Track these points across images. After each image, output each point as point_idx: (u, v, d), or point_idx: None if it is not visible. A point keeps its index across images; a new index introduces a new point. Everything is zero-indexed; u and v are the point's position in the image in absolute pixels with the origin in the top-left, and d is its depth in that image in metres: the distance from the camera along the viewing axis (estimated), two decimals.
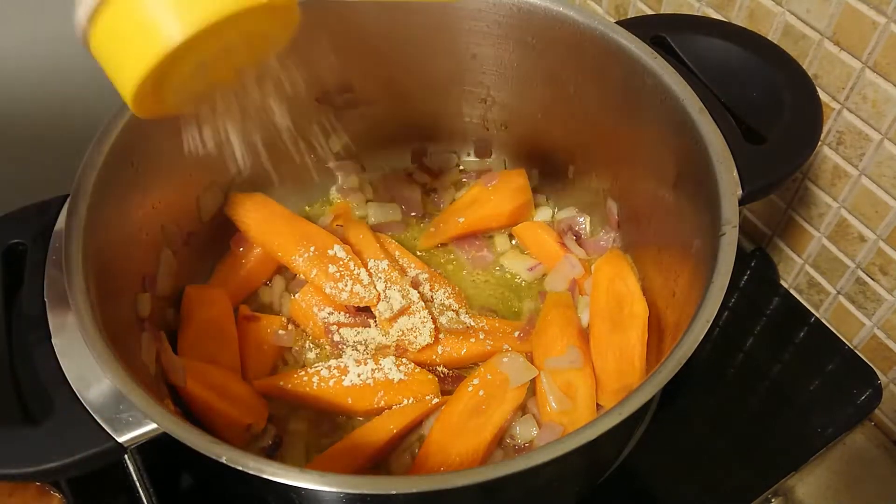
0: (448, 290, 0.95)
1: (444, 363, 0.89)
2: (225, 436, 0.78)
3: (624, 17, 1.07)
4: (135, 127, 0.77)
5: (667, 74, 0.78)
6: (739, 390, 0.95)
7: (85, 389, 0.64)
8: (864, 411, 0.93)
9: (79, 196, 0.71)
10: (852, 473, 0.92)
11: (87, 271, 0.68)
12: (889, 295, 0.92)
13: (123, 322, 0.76)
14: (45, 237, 0.73)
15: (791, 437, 0.90)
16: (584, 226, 1.01)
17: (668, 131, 0.79)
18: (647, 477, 0.87)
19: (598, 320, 0.88)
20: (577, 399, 0.83)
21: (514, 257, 1.01)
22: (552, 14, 0.85)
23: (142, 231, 0.82)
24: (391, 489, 0.56)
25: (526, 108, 0.97)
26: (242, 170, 0.69)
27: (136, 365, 0.73)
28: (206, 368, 0.83)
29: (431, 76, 0.97)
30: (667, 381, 0.61)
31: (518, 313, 0.96)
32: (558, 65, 0.89)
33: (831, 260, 0.98)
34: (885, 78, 0.80)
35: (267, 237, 0.94)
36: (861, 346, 0.99)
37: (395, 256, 0.96)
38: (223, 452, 0.57)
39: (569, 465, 0.62)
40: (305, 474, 0.56)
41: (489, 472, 0.57)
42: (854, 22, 0.80)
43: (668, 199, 0.83)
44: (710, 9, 0.96)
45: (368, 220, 1.03)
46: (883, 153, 0.85)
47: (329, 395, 0.83)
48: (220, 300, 0.90)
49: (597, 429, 0.59)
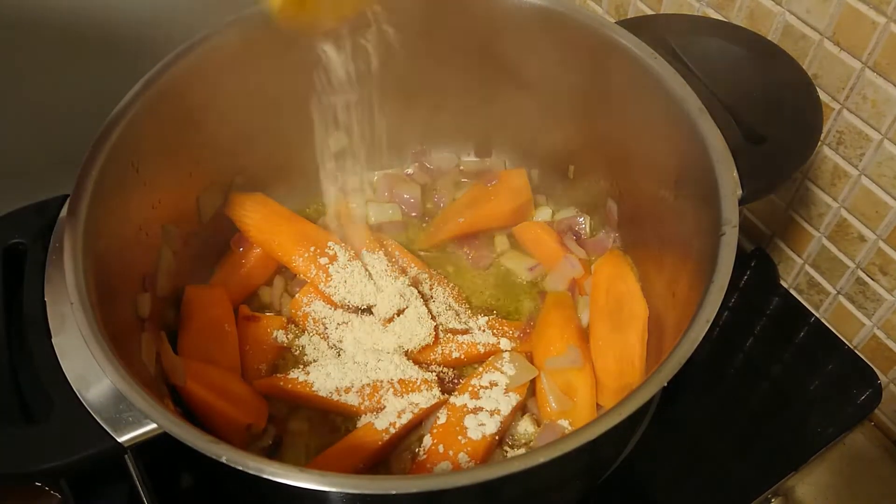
0: (448, 289, 0.95)
1: (444, 363, 0.89)
2: (225, 436, 0.78)
3: (624, 17, 1.07)
4: (135, 127, 0.77)
5: (667, 74, 0.78)
6: (739, 390, 0.95)
7: (85, 389, 0.64)
8: (864, 411, 0.93)
9: (79, 196, 0.71)
10: (852, 473, 0.92)
11: (87, 271, 0.68)
12: (889, 295, 0.92)
13: (123, 322, 0.76)
14: (45, 237, 0.73)
15: (791, 437, 0.90)
16: (584, 226, 1.01)
17: (668, 131, 0.79)
18: (647, 477, 0.87)
19: (598, 320, 0.89)
20: (577, 399, 0.83)
21: (514, 257, 1.01)
22: (552, 14, 0.85)
23: (142, 231, 0.82)
24: (391, 489, 0.56)
25: (526, 108, 0.97)
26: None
27: (136, 365, 0.73)
28: (206, 368, 0.83)
29: (432, 76, 0.97)
30: (667, 381, 0.61)
31: (518, 313, 0.96)
32: (558, 65, 0.89)
33: (831, 260, 0.98)
34: (885, 78, 0.80)
35: (267, 237, 0.94)
36: (861, 346, 0.99)
37: (395, 256, 0.96)
38: (223, 452, 0.57)
39: (569, 465, 0.62)
40: (305, 474, 0.56)
41: (489, 472, 0.57)
42: (854, 22, 0.80)
43: (668, 199, 0.83)
44: (710, 9, 0.96)
45: (368, 220, 1.03)
46: (883, 153, 0.85)
47: (329, 395, 0.83)
48: (220, 300, 0.90)
49: (597, 429, 0.59)
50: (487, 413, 0.81)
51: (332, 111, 0.98)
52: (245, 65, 0.87)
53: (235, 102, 0.89)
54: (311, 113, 0.97)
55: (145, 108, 0.78)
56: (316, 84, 0.94)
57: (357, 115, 1.00)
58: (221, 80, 0.86)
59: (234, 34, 0.84)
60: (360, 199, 1.05)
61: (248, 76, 0.88)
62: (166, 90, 0.80)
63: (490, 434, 0.79)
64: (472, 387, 0.83)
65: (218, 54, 0.84)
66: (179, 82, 0.81)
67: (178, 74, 0.81)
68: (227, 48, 0.84)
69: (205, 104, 0.86)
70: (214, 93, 0.86)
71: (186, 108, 0.84)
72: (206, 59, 0.83)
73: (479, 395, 0.82)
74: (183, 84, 0.82)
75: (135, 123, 0.77)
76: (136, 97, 0.78)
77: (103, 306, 0.68)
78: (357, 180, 1.06)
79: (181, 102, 0.83)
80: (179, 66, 0.81)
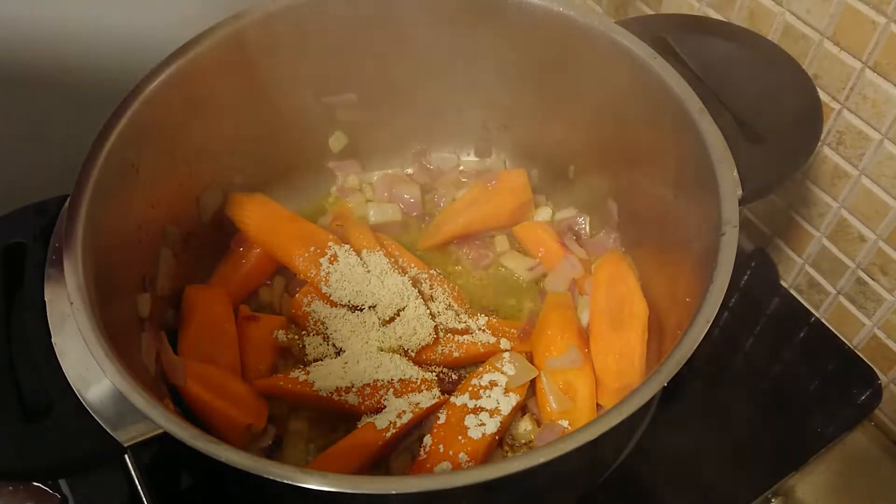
0: (448, 289, 0.95)
1: (444, 363, 0.89)
2: (225, 436, 0.78)
3: (624, 17, 1.07)
4: (135, 127, 0.77)
5: (667, 74, 0.78)
6: (739, 390, 0.95)
7: (85, 389, 0.64)
8: (864, 411, 0.93)
9: (79, 196, 0.71)
10: (852, 473, 0.92)
11: (87, 271, 0.68)
12: (889, 295, 0.92)
13: (123, 322, 0.76)
14: (45, 237, 0.73)
15: (791, 437, 0.90)
16: (584, 226, 1.01)
17: (668, 131, 0.79)
18: (646, 477, 0.87)
19: (598, 320, 0.89)
20: (577, 399, 0.83)
21: (514, 257, 1.01)
22: (552, 14, 0.85)
23: (142, 231, 0.82)
24: (391, 489, 0.56)
25: (526, 108, 0.97)
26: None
27: (136, 365, 0.73)
28: (206, 368, 0.83)
29: (432, 76, 0.97)
30: (667, 381, 0.61)
31: (518, 313, 0.96)
32: (558, 65, 0.89)
33: (831, 260, 0.98)
34: (885, 78, 0.80)
35: (267, 237, 0.94)
36: (861, 346, 0.99)
37: (395, 256, 0.96)
38: (223, 452, 0.57)
39: (569, 465, 0.62)
40: (305, 474, 0.56)
41: (489, 472, 0.57)
42: (854, 22, 0.80)
43: (668, 199, 0.83)
44: (710, 9, 0.96)
45: (368, 220, 1.03)
46: (883, 153, 0.85)
47: (329, 395, 0.83)
48: (220, 300, 0.90)
49: (597, 429, 0.59)
50: (487, 413, 0.81)
51: (332, 111, 0.99)
52: (245, 64, 0.87)
53: (235, 102, 0.89)
54: (311, 113, 0.97)
55: (145, 108, 0.78)
56: (316, 83, 0.94)
57: (357, 115, 1.00)
58: (221, 79, 0.86)
59: (234, 33, 0.84)
60: (360, 199, 1.05)
61: (248, 75, 0.88)
62: (166, 90, 0.80)
63: (490, 434, 0.79)
64: (472, 387, 0.83)
65: (217, 53, 0.84)
66: (179, 82, 0.81)
67: (177, 74, 0.81)
68: (226, 47, 0.84)
69: (204, 104, 0.86)
70: (214, 92, 0.86)
71: (186, 107, 0.84)
72: (205, 58, 0.83)
73: (479, 395, 0.82)
74: (183, 84, 0.82)
75: (134, 123, 0.77)
76: (135, 97, 0.78)
77: (103, 306, 0.68)
78: (357, 180, 1.06)
79: (181, 102, 0.83)
80: (179, 65, 0.81)
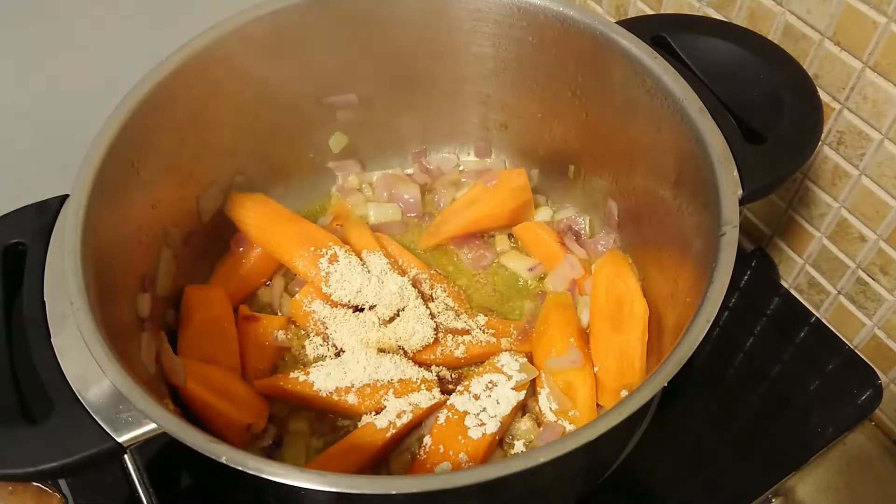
0: (448, 289, 0.95)
1: (444, 363, 0.89)
2: (225, 436, 0.78)
3: (624, 17, 1.07)
4: (135, 127, 0.77)
5: (667, 74, 0.78)
6: (739, 390, 0.95)
7: (85, 389, 0.64)
8: (864, 411, 0.93)
9: (79, 196, 0.71)
10: (852, 473, 0.92)
11: (87, 271, 0.68)
12: (889, 295, 0.92)
13: (123, 322, 0.76)
14: (45, 237, 0.73)
15: (791, 437, 0.90)
16: (584, 226, 1.01)
17: (668, 131, 0.79)
18: (647, 477, 0.87)
19: (598, 320, 0.88)
20: (577, 399, 0.83)
21: (514, 257, 1.01)
22: (552, 14, 0.85)
23: (142, 231, 0.82)
24: (391, 489, 0.56)
25: (526, 108, 0.97)
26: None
27: (136, 365, 0.73)
28: (206, 368, 0.83)
29: (432, 76, 0.97)
30: (667, 381, 0.61)
31: (518, 313, 0.96)
32: (558, 65, 0.89)
33: (832, 260, 0.98)
34: (885, 78, 0.80)
35: (267, 237, 0.94)
36: (861, 346, 0.99)
37: (395, 256, 0.96)
38: (223, 452, 0.57)
39: (569, 465, 0.62)
40: (305, 474, 0.56)
41: (489, 472, 0.57)
42: (854, 22, 0.80)
43: (668, 199, 0.83)
44: (710, 9, 0.96)
45: (368, 220, 1.03)
46: (883, 153, 0.84)
47: (329, 395, 0.83)
48: (220, 300, 0.90)
49: (597, 429, 0.59)
50: (487, 413, 0.81)
51: (332, 111, 0.99)
52: (245, 64, 0.87)
53: (235, 102, 0.89)
54: (311, 113, 0.97)
55: (145, 108, 0.78)
56: (316, 83, 0.94)
57: (357, 115, 1.00)
58: (221, 79, 0.86)
59: (234, 33, 0.84)
60: (360, 199, 1.05)
61: (248, 75, 0.88)
62: (166, 90, 0.80)
63: (490, 434, 0.79)
64: (472, 387, 0.83)
65: (217, 53, 0.84)
66: (179, 82, 0.81)
67: (177, 74, 0.81)
68: (226, 47, 0.84)
69: (204, 104, 0.86)
70: (214, 92, 0.86)
71: (186, 107, 0.84)
72: (205, 57, 0.83)
73: (479, 395, 0.82)
74: (183, 84, 0.82)
75: (134, 123, 0.77)
76: (135, 97, 0.78)
77: (103, 306, 0.68)
78: (357, 180, 1.06)
79: (181, 102, 0.83)
80: (179, 65, 0.81)
